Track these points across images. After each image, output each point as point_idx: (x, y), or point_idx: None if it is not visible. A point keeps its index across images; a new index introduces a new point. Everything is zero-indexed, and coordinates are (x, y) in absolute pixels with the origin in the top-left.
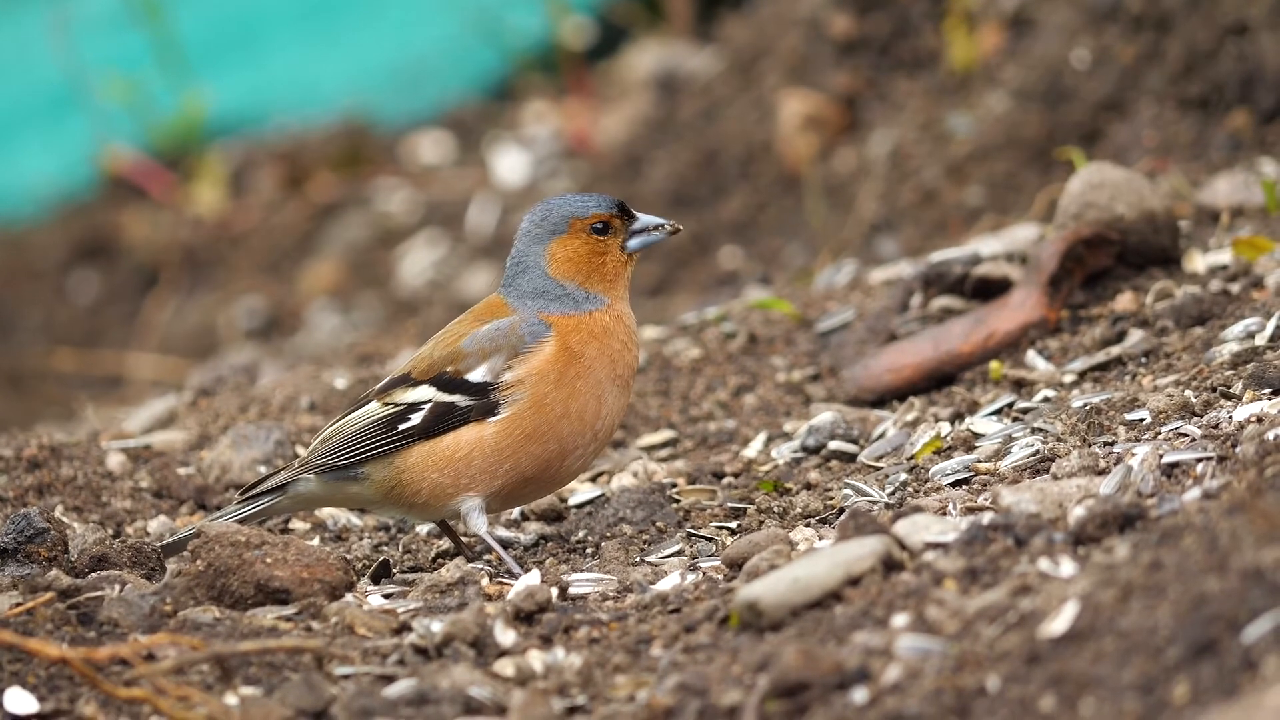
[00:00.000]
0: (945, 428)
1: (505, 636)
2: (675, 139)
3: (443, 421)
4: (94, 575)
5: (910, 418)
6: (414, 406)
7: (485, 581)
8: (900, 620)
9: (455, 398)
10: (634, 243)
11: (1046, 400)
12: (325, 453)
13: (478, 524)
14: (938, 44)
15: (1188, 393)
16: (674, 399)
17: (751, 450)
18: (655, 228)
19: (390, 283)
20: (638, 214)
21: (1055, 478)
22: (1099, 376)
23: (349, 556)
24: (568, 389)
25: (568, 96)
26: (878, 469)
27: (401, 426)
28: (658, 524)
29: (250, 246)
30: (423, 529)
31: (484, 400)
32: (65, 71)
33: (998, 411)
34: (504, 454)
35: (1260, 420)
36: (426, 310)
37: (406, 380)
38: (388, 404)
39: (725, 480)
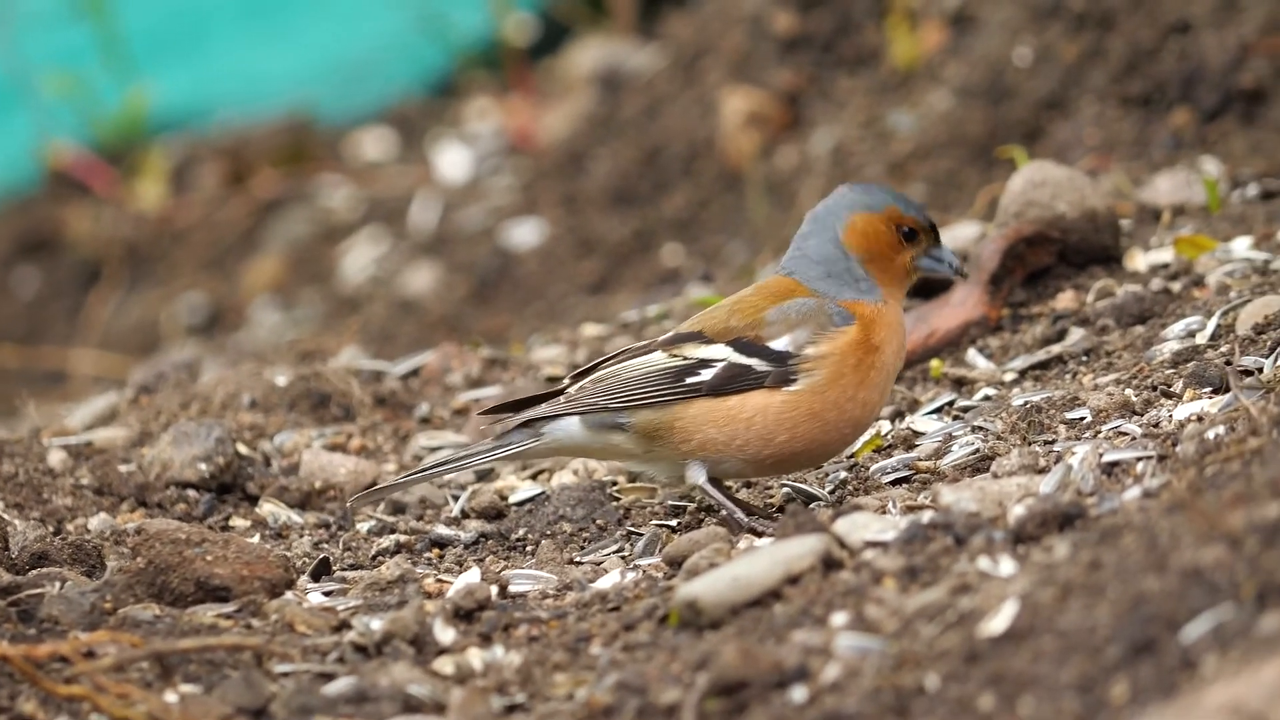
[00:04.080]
0: (885, 426)
1: (445, 634)
2: (618, 136)
3: (734, 382)
4: (34, 572)
5: None
6: (706, 362)
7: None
8: (839, 619)
9: (753, 361)
10: (926, 262)
11: (987, 399)
12: (598, 394)
13: (698, 475)
14: (880, 41)
15: (1128, 391)
16: None
17: None
18: (950, 263)
19: (332, 279)
20: (944, 245)
21: (995, 476)
22: (1039, 375)
23: (289, 554)
24: (862, 375)
25: (511, 93)
26: (817, 467)
27: (689, 380)
28: (598, 522)
29: (192, 242)
30: (363, 526)
31: (781, 369)
32: (7, 67)
33: (938, 410)
34: (785, 424)
35: (1200, 419)
36: (368, 307)
37: (699, 337)
38: (675, 355)
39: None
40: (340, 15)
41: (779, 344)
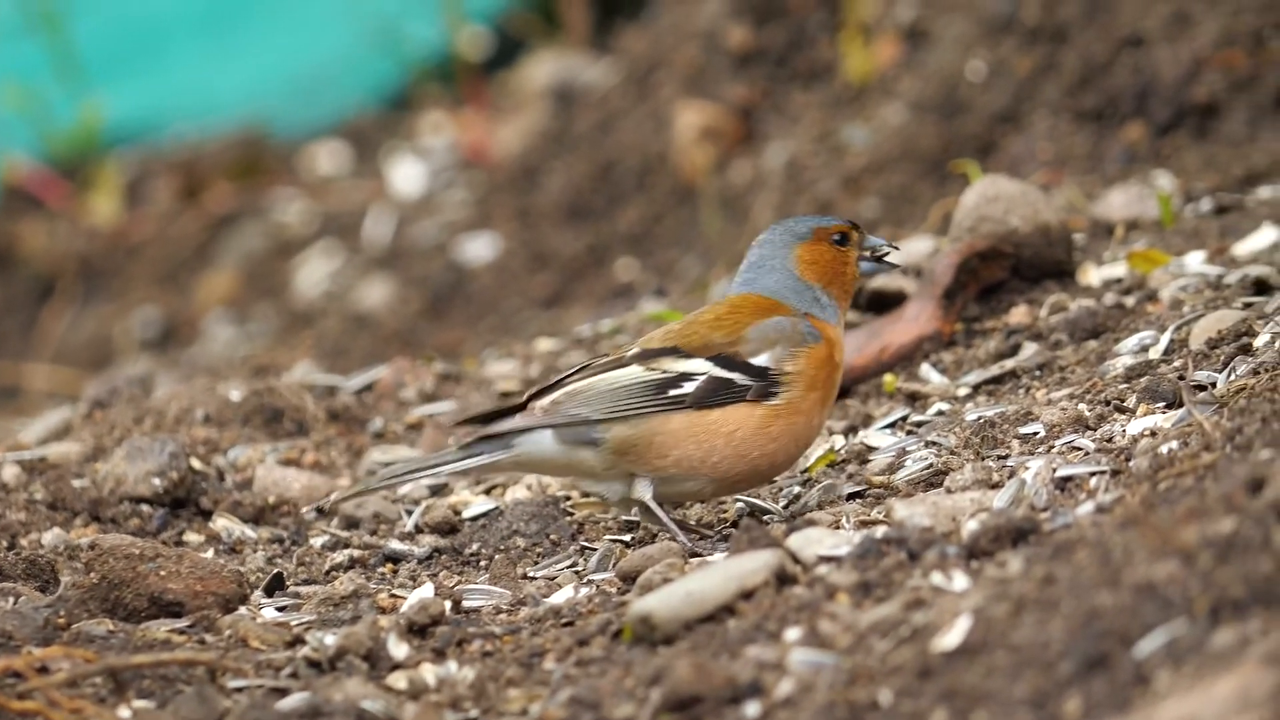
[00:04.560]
0: (839, 441)
1: (398, 649)
2: (571, 150)
3: (716, 395)
4: None
5: None
6: (688, 376)
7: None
8: (793, 634)
9: (734, 375)
10: (866, 265)
11: (940, 414)
12: (578, 405)
13: (644, 491)
14: (834, 56)
15: (1081, 406)
16: None
17: None
18: (883, 250)
19: (286, 293)
20: (869, 235)
21: (949, 491)
22: (993, 390)
23: (243, 569)
24: (826, 391)
25: (465, 107)
26: (771, 481)
27: (673, 392)
28: (551, 537)
29: (146, 257)
30: (317, 541)
31: (763, 383)
32: None
33: (892, 425)
34: (761, 438)
35: (1154, 434)
36: (322, 321)
37: (675, 352)
38: (653, 369)
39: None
40: (294, 29)
41: (759, 360)
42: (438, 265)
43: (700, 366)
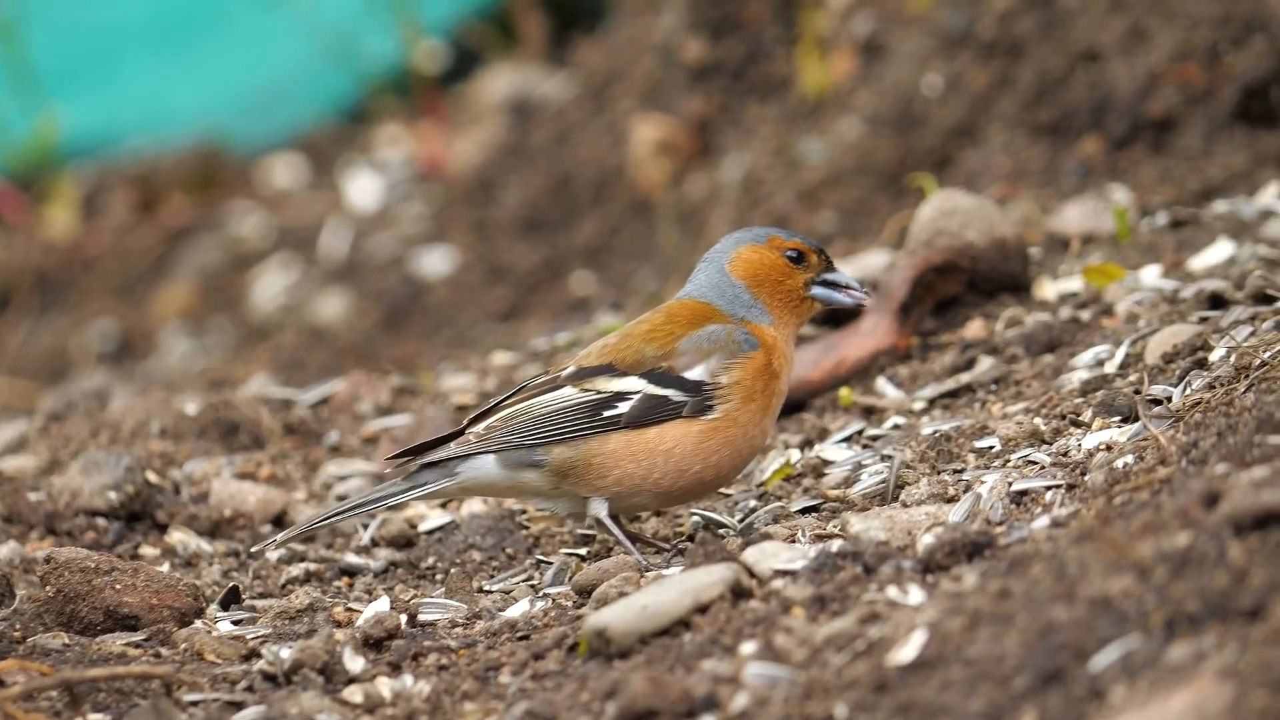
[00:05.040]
0: (795, 454)
1: (354, 663)
2: (528, 163)
3: (652, 413)
4: None
5: None
6: (622, 395)
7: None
8: (748, 648)
9: (669, 391)
10: (819, 290)
11: (896, 427)
12: (513, 431)
13: (599, 509)
14: (790, 70)
15: (1037, 420)
16: None
17: None
18: (846, 286)
19: (242, 307)
20: (838, 266)
21: (904, 505)
22: (949, 404)
23: (198, 583)
24: (766, 401)
25: (421, 120)
26: (727, 495)
27: (607, 413)
28: (507, 550)
29: (103, 270)
30: (274, 555)
31: (697, 397)
32: None
33: (848, 438)
34: (701, 453)
35: (1109, 448)
36: (278, 335)
37: (610, 370)
38: (587, 390)
39: None
40: (251, 42)
41: (693, 373)
42: (394, 278)
43: (634, 385)
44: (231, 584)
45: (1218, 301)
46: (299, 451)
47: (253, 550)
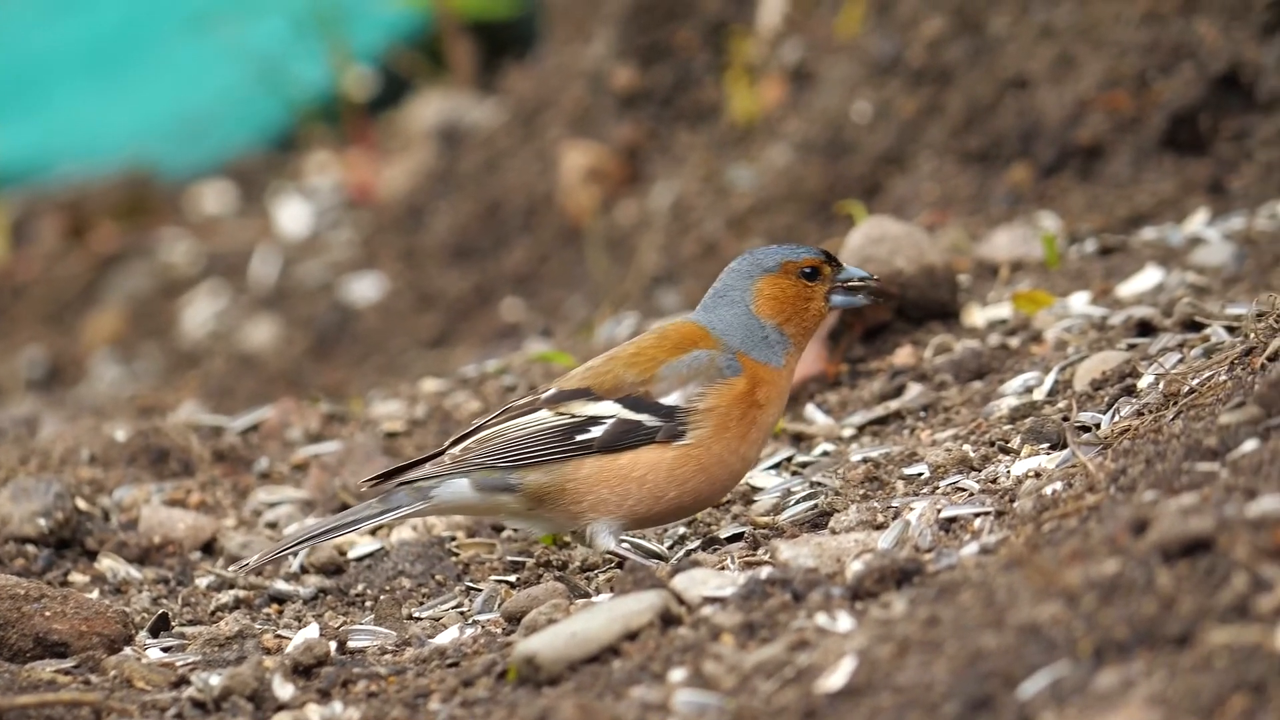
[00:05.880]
0: None
1: (283, 690)
2: (457, 190)
3: (625, 439)
4: None
5: None
6: (595, 420)
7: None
8: (677, 675)
9: (642, 417)
10: (838, 299)
11: (826, 454)
12: (486, 454)
13: (607, 541)
14: (719, 97)
15: (966, 447)
16: None
17: None
18: (860, 281)
19: (172, 333)
20: (845, 264)
21: (833, 532)
22: (878, 430)
23: (128, 610)
24: (744, 429)
25: (351, 147)
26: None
27: (579, 437)
28: (437, 577)
29: (32, 297)
30: (203, 582)
31: (671, 424)
32: None
33: (777, 465)
34: (675, 480)
35: (1038, 475)
36: (208, 361)
37: (586, 394)
38: (562, 414)
39: (504, 534)
40: (180, 69)
41: (669, 399)
42: (324, 305)
43: (608, 409)
44: (161, 611)
45: (1146, 328)
46: (228, 478)
47: (230, 570)
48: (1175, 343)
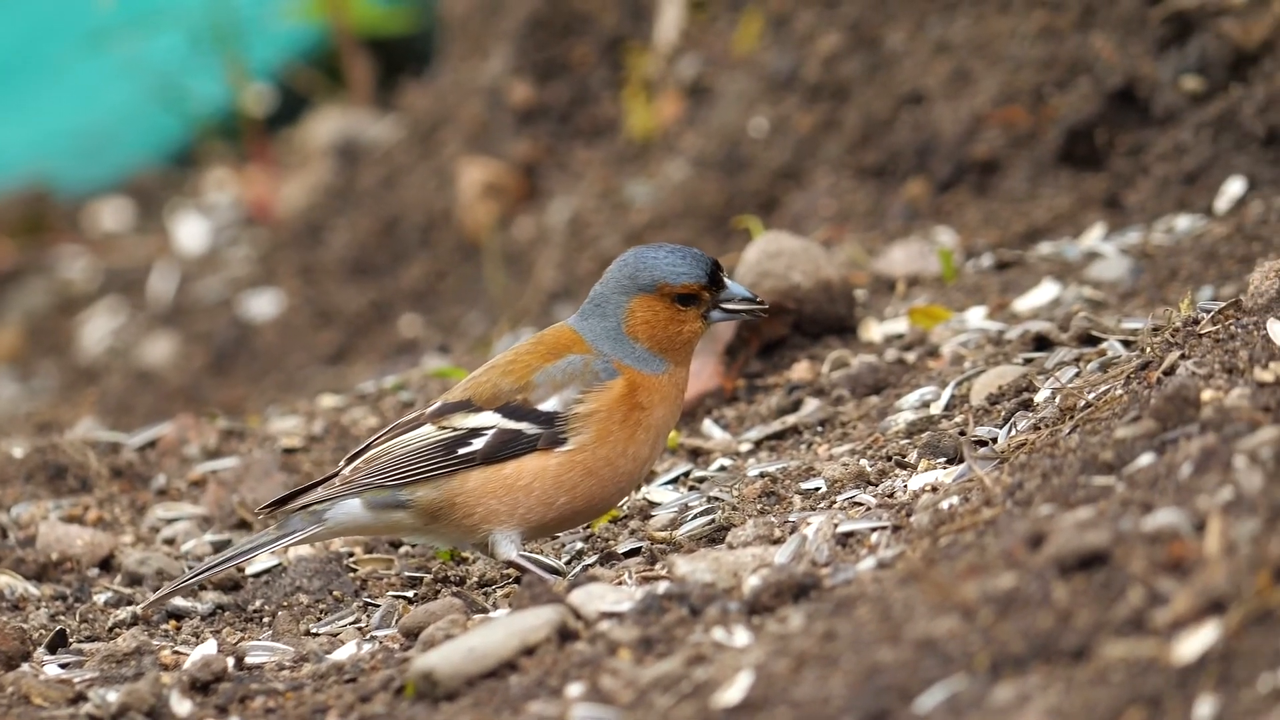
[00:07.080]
0: None
1: (181, 706)
2: (355, 207)
3: (507, 448)
4: None
5: None
6: (476, 431)
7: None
8: (575, 690)
9: (522, 425)
10: (717, 314)
11: (723, 469)
12: (374, 473)
13: (508, 551)
14: (617, 113)
15: (863, 462)
16: None
17: None
18: (743, 300)
19: (70, 350)
20: (728, 282)
21: (731, 547)
22: (775, 445)
23: (25, 626)
24: (630, 430)
25: (249, 164)
26: (555, 538)
27: (461, 450)
28: (334, 593)
29: None
30: (100, 598)
31: (550, 430)
32: None
33: (674, 480)
34: (563, 485)
35: (935, 489)
36: (106, 378)
37: (467, 406)
38: (444, 428)
39: (402, 549)
40: (78, 86)
41: (547, 405)
42: (222, 322)
43: (488, 420)
44: (59, 627)
45: (1043, 343)
46: (126, 495)
47: (140, 609)
48: (1072, 357)
